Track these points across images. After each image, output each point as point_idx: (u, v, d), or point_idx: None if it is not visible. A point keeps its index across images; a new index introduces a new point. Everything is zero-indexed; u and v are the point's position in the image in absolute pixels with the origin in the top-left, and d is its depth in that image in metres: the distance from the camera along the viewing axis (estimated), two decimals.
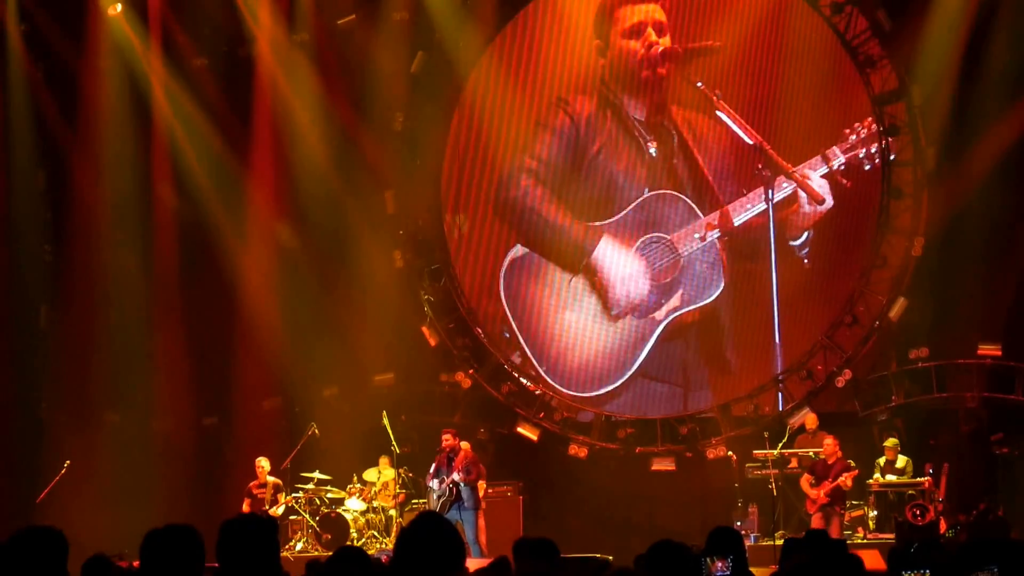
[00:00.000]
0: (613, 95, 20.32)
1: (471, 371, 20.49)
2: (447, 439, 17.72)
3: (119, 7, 19.96)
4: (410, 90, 20.52)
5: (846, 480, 17.15)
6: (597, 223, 20.34)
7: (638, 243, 20.26)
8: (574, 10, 20.56)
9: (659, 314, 20.15)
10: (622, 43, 20.26)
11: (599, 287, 20.30)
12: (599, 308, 20.36)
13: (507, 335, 20.67)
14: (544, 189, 20.49)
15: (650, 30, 20.08)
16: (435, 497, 17.45)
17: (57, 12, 20.17)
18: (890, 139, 19.44)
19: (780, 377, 19.67)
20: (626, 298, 20.22)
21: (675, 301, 20.12)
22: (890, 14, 19.31)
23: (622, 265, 20.25)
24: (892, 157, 19.44)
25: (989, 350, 18.78)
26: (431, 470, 17.72)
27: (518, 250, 20.68)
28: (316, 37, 20.51)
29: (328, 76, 20.46)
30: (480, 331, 20.63)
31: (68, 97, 20.35)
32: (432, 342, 20.54)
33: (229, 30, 20.44)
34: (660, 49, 20.01)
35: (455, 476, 17.40)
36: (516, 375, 20.46)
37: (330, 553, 6.17)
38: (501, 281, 20.69)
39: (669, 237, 20.18)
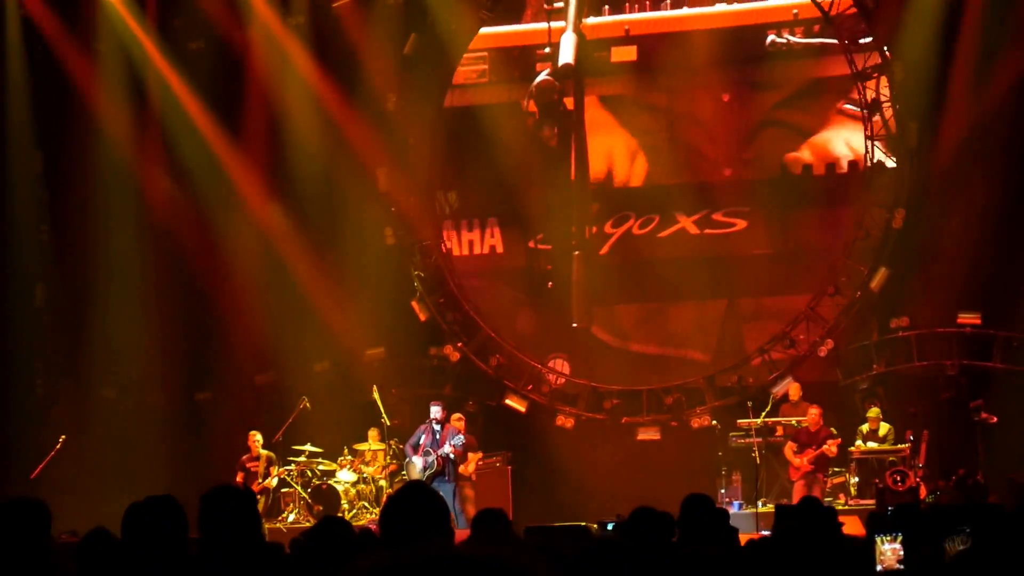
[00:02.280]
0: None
1: (460, 344, 20.73)
2: (437, 411, 18.01)
3: None
4: (403, 71, 20.72)
5: (831, 447, 17.43)
6: None
7: None
8: None
9: None
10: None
11: None
12: None
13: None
14: None
15: None
16: (418, 470, 17.69)
17: None
18: (872, 114, 19.72)
19: (764, 348, 20.01)
20: None
21: None
22: None
23: None
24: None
25: (969, 319, 19.00)
26: (418, 441, 17.97)
27: None
28: (311, 20, 20.65)
29: (322, 58, 20.60)
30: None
31: (65, 79, 20.47)
32: (422, 317, 20.76)
33: (224, 13, 20.59)
34: None
35: (445, 449, 17.68)
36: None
37: None
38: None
39: None
